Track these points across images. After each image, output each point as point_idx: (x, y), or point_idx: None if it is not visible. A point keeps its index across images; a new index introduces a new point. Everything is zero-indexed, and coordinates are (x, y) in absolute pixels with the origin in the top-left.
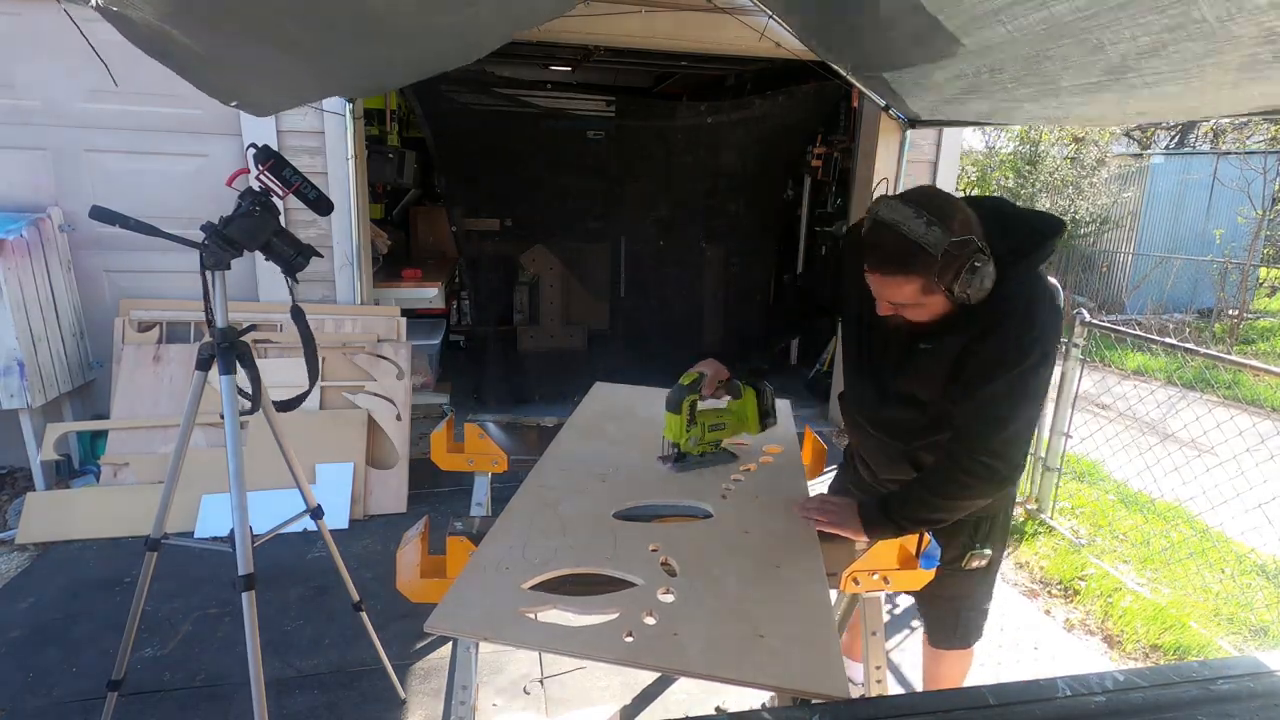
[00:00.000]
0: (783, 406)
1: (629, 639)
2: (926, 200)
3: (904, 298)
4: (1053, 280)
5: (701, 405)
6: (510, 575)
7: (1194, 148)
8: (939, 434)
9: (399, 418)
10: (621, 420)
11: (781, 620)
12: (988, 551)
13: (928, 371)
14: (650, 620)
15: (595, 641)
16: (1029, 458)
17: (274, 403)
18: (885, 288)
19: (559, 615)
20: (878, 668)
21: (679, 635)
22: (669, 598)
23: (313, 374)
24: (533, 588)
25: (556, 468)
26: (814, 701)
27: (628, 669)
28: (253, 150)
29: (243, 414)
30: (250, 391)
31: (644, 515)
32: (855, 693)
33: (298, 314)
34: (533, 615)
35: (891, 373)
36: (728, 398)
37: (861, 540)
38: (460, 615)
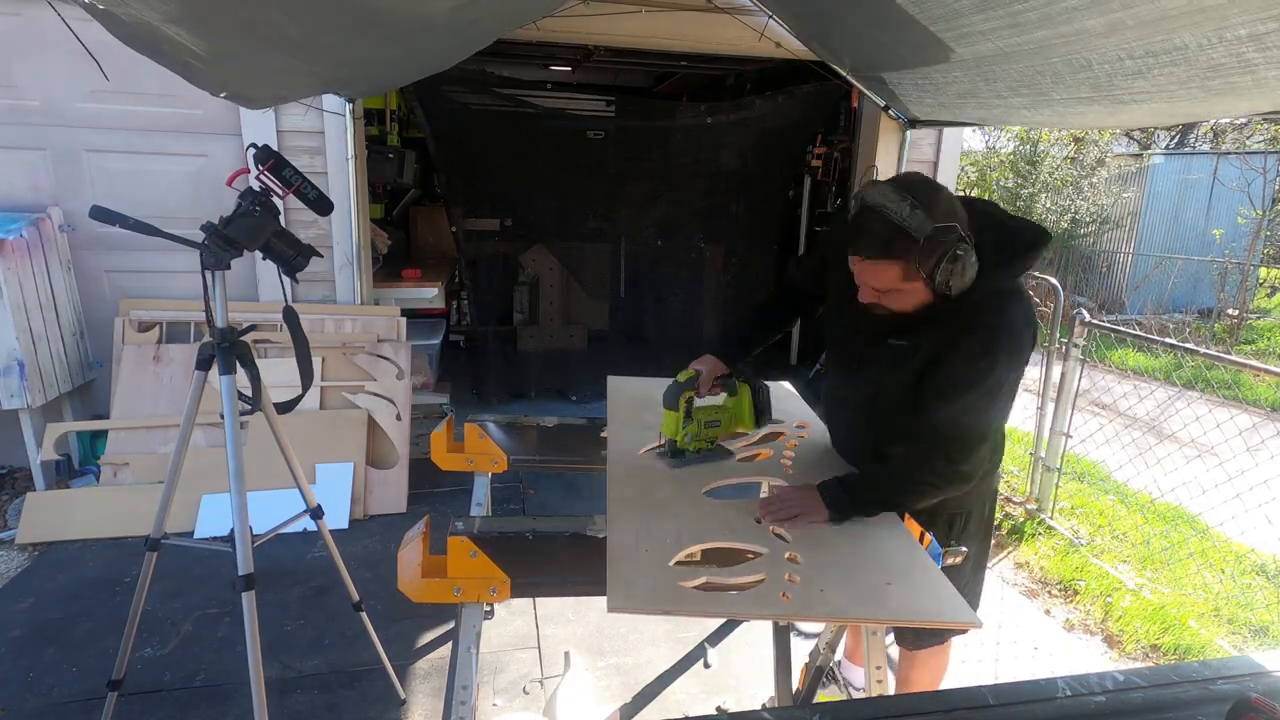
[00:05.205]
0: (787, 387)
1: (786, 599)
2: (913, 185)
3: (886, 283)
4: (1030, 294)
5: (699, 402)
6: (652, 556)
7: (1194, 148)
8: (897, 429)
9: (399, 418)
10: (655, 409)
11: (895, 568)
12: (964, 549)
13: (897, 366)
14: (795, 581)
15: (758, 603)
16: (1030, 457)
17: (272, 404)
18: (868, 273)
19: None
20: (878, 668)
21: (825, 591)
22: (795, 562)
23: (306, 377)
24: (676, 564)
25: (628, 459)
26: (814, 702)
27: (626, 668)
28: (253, 150)
29: (242, 414)
30: (250, 392)
31: (732, 494)
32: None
33: (290, 315)
34: (687, 585)
35: (861, 360)
36: (724, 394)
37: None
38: (634, 595)
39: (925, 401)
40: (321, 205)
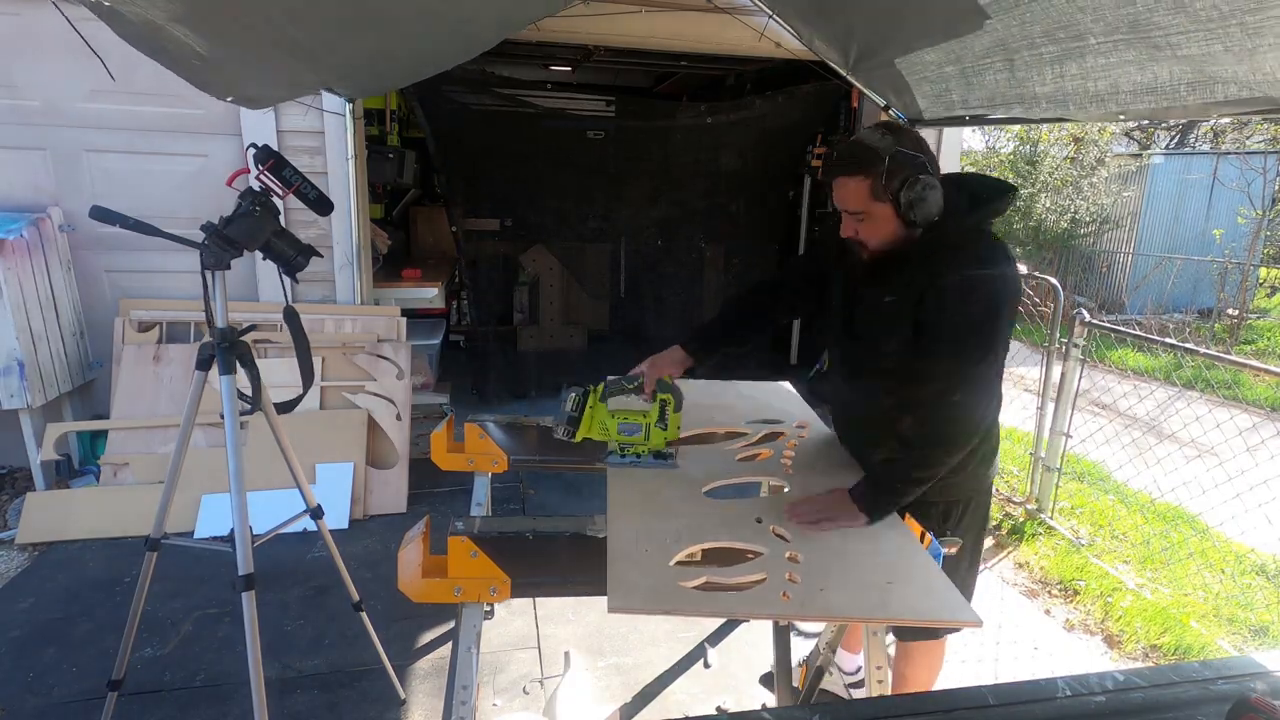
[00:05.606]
0: (787, 388)
1: (786, 598)
2: (890, 123)
3: (855, 202)
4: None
5: (614, 405)
6: (652, 556)
7: (1194, 148)
8: (904, 388)
9: (399, 418)
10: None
11: (895, 568)
12: (958, 539)
13: (893, 324)
14: (795, 581)
15: (758, 603)
16: (1030, 457)
17: (273, 404)
18: (840, 191)
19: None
20: (878, 668)
21: (825, 590)
22: (796, 561)
23: (306, 377)
24: (676, 564)
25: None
26: (814, 702)
27: (626, 668)
28: (253, 150)
29: (243, 414)
30: (250, 392)
31: (732, 494)
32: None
33: (291, 315)
34: (687, 585)
35: (859, 326)
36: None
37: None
38: (634, 595)
39: (926, 348)
40: (321, 205)
